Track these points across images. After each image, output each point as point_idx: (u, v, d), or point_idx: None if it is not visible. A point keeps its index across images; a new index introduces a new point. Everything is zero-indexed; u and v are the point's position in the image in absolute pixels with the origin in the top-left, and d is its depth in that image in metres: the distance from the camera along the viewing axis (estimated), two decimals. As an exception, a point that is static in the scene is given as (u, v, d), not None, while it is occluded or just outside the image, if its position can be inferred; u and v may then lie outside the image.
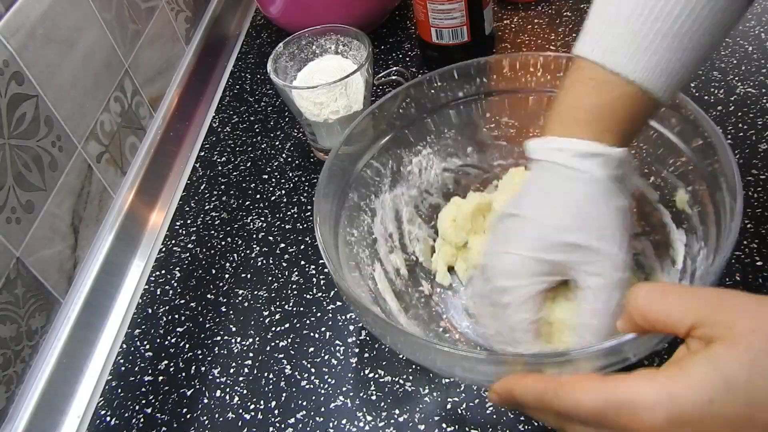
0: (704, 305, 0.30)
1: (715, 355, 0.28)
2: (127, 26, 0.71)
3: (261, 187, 0.69)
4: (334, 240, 0.48)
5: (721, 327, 0.29)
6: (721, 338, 0.28)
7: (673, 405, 0.28)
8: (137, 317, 0.60)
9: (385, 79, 0.68)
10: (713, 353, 0.28)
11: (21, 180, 0.54)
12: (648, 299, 0.31)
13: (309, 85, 0.64)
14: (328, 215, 0.48)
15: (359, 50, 0.68)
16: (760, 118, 0.63)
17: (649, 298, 0.32)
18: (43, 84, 0.57)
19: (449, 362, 0.39)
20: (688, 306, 0.30)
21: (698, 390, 0.28)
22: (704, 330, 0.29)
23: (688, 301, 0.30)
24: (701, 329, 0.29)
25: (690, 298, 0.31)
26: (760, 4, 0.75)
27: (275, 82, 0.64)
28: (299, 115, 0.66)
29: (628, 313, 0.32)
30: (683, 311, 0.30)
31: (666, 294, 0.31)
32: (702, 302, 0.30)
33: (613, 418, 0.30)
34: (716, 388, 0.28)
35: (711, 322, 0.29)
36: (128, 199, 0.67)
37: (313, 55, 0.70)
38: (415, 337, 0.40)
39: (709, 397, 0.27)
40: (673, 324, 0.30)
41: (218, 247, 0.64)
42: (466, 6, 0.70)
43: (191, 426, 0.51)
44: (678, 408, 0.28)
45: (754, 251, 0.53)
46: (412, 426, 0.48)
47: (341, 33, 0.69)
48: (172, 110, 0.77)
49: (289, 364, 0.53)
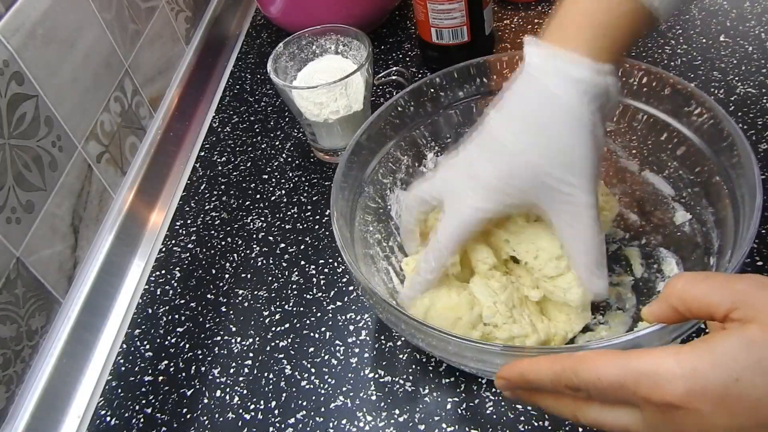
0: (746, 288, 0.29)
1: (749, 335, 0.28)
2: (127, 26, 0.71)
3: (261, 187, 0.69)
4: (350, 234, 0.49)
5: (760, 310, 0.28)
6: (759, 321, 0.28)
7: (697, 379, 0.27)
8: (137, 317, 0.60)
9: (385, 79, 0.68)
10: (746, 333, 0.28)
11: (21, 180, 0.54)
12: (689, 283, 0.31)
13: (309, 85, 0.64)
14: (344, 209, 0.49)
15: (359, 50, 0.68)
16: (760, 118, 0.63)
17: (690, 282, 0.31)
18: (43, 84, 0.57)
19: (462, 353, 0.39)
20: (730, 289, 0.30)
21: (726, 367, 0.27)
22: (743, 312, 0.29)
23: (731, 284, 0.30)
24: (740, 311, 0.29)
25: (733, 281, 0.30)
26: (760, 4, 0.75)
27: (275, 82, 0.64)
28: (299, 115, 0.66)
29: (664, 296, 0.32)
30: (725, 293, 0.30)
31: (708, 278, 0.31)
32: (744, 285, 0.29)
33: (632, 388, 0.29)
34: (745, 367, 0.27)
35: (751, 305, 0.28)
36: (128, 199, 0.67)
37: (313, 55, 0.70)
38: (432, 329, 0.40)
39: (737, 376, 0.27)
40: (712, 306, 0.30)
41: (218, 247, 0.64)
42: (466, 6, 0.70)
43: (191, 426, 0.51)
44: (702, 382, 0.27)
45: (754, 251, 0.53)
46: (412, 426, 0.48)
47: (341, 33, 0.69)
48: (172, 110, 0.77)
49: (289, 364, 0.53)
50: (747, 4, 0.75)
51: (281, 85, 0.64)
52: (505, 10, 0.84)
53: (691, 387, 0.27)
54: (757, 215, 0.39)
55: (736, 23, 0.73)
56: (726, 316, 0.29)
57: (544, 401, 0.35)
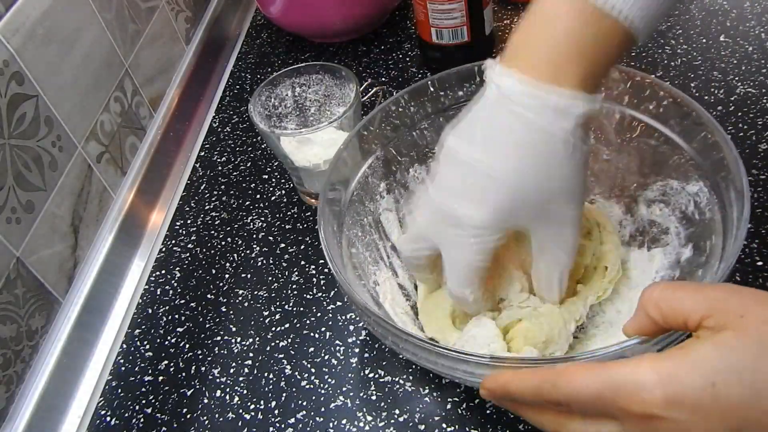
0: (718, 296, 0.30)
1: (723, 340, 0.28)
2: (127, 26, 0.71)
3: (261, 187, 0.69)
4: (338, 241, 0.48)
5: (732, 316, 0.28)
6: (731, 326, 0.28)
7: (673, 385, 0.28)
8: (137, 317, 0.60)
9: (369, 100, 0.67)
10: (721, 339, 0.28)
11: (21, 180, 0.54)
12: (665, 291, 0.32)
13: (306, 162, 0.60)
14: (331, 217, 0.48)
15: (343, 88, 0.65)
16: (760, 118, 0.63)
17: (665, 290, 0.32)
18: (43, 84, 0.57)
19: (450, 365, 0.39)
20: (703, 296, 0.30)
21: (701, 372, 0.27)
22: (716, 319, 0.29)
23: (703, 293, 0.30)
24: (713, 319, 0.29)
25: (705, 290, 0.31)
26: (760, 4, 0.75)
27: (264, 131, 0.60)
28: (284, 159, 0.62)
29: (640, 305, 0.32)
30: (698, 301, 0.30)
31: (682, 286, 0.32)
32: (716, 293, 0.30)
33: (611, 399, 0.29)
34: (720, 372, 0.27)
35: (723, 312, 0.29)
36: (128, 199, 0.67)
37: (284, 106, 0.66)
38: (416, 339, 0.40)
39: (712, 381, 0.27)
40: (686, 314, 0.30)
41: (218, 247, 0.64)
42: (466, 6, 0.70)
43: (191, 426, 0.51)
44: (678, 388, 0.28)
45: (754, 251, 0.53)
46: (412, 426, 0.48)
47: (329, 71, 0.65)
48: (172, 110, 0.77)
49: (289, 364, 0.53)
50: (747, 4, 0.75)
51: (267, 132, 0.60)
52: (505, 10, 0.84)
53: (668, 393, 0.28)
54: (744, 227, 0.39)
55: (736, 23, 0.73)
56: (700, 324, 0.30)
57: (528, 414, 0.35)
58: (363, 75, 0.79)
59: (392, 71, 0.79)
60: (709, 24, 0.74)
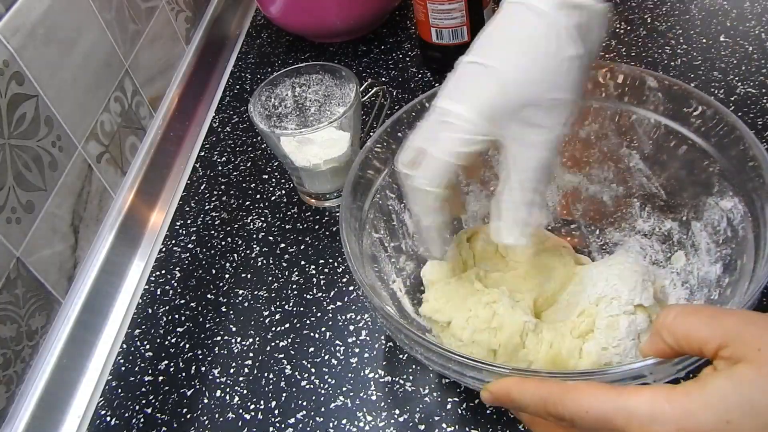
0: (735, 324, 0.29)
1: (740, 376, 0.27)
2: (127, 26, 0.71)
3: (261, 187, 0.69)
4: (358, 241, 0.48)
5: (750, 348, 0.28)
6: (749, 360, 0.27)
7: (688, 421, 0.27)
8: (137, 317, 0.60)
9: (369, 100, 0.66)
10: (738, 374, 0.27)
11: (21, 180, 0.54)
12: (679, 316, 0.31)
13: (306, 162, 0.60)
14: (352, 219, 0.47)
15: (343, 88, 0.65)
16: (760, 118, 0.63)
17: (680, 315, 0.31)
18: (43, 84, 0.57)
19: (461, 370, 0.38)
20: (719, 324, 0.29)
21: (716, 409, 0.27)
22: (732, 350, 0.28)
23: (720, 319, 0.29)
24: (729, 349, 0.28)
25: (722, 316, 0.29)
26: (760, 4, 0.75)
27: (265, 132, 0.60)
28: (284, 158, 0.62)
29: (655, 329, 0.32)
30: (713, 329, 0.29)
31: (698, 311, 0.30)
32: (733, 321, 0.29)
33: (621, 425, 0.29)
34: (735, 409, 0.27)
35: (740, 343, 0.28)
36: (128, 199, 0.67)
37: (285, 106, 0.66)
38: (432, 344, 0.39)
39: (727, 418, 0.27)
40: (702, 342, 0.29)
41: (218, 247, 0.64)
42: (466, 6, 0.70)
43: (191, 426, 0.51)
44: (692, 425, 0.27)
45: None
46: (412, 426, 0.48)
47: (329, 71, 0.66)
48: (172, 110, 0.78)
49: (289, 364, 0.53)
50: (747, 4, 0.75)
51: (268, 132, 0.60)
52: (505, 10, 0.83)
53: (682, 430, 0.27)
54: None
55: (736, 23, 0.73)
56: (716, 353, 0.29)
57: (529, 421, 0.35)
58: (363, 75, 0.79)
59: (392, 71, 0.79)
60: (709, 24, 0.74)
